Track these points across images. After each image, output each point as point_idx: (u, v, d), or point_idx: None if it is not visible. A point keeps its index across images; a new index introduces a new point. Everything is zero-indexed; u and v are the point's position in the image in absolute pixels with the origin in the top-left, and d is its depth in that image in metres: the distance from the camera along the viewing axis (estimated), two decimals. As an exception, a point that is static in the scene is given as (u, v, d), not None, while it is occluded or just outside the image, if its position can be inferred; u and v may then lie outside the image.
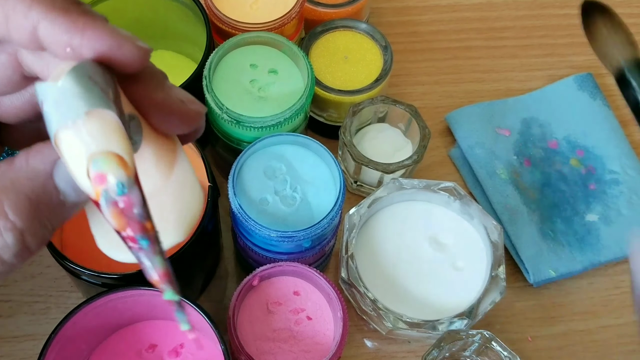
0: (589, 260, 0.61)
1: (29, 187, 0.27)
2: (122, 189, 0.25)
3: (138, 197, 0.25)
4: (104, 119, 0.25)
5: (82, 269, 0.47)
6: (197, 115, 0.31)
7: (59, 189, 0.28)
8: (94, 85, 0.26)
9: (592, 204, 0.63)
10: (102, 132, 0.25)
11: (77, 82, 0.26)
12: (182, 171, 0.32)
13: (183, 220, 0.31)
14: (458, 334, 0.52)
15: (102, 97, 0.26)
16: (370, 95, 0.61)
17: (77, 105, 0.25)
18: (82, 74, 0.26)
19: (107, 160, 0.25)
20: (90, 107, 0.25)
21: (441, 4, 0.76)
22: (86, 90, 0.26)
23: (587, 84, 0.69)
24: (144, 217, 0.25)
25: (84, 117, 0.25)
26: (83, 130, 0.25)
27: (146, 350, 0.53)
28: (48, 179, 0.27)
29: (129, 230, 0.25)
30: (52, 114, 0.25)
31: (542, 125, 0.67)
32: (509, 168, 0.64)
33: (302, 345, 0.51)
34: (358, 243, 0.56)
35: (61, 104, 0.25)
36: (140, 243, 0.25)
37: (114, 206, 0.25)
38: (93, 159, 0.25)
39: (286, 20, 0.58)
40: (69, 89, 0.25)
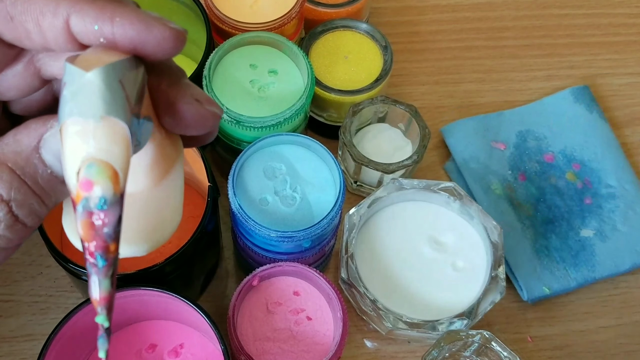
0: (584, 277, 0.60)
1: (13, 160, 0.27)
2: (103, 205, 0.24)
3: (114, 217, 0.25)
4: (116, 129, 0.25)
5: (82, 269, 0.47)
6: (212, 117, 0.30)
7: (46, 163, 0.27)
8: (121, 90, 0.25)
9: (588, 218, 0.63)
10: (107, 141, 0.25)
11: (106, 82, 0.25)
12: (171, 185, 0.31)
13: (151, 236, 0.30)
14: (458, 334, 0.52)
15: (123, 106, 0.25)
16: (370, 95, 0.61)
17: (96, 105, 0.25)
18: (114, 74, 0.25)
19: (101, 170, 0.24)
20: (107, 113, 0.25)
21: (441, 4, 0.76)
22: (111, 93, 0.25)
23: (583, 96, 0.68)
24: (112, 238, 0.25)
25: (99, 119, 0.25)
26: (91, 132, 0.24)
27: (146, 350, 0.53)
28: (33, 152, 0.27)
29: (92, 244, 0.25)
30: (69, 101, 0.25)
31: (538, 138, 0.66)
32: (503, 183, 0.64)
33: (302, 345, 0.51)
34: (358, 243, 0.56)
35: (82, 95, 0.25)
36: (97, 260, 0.25)
37: (88, 216, 0.24)
38: (89, 162, 0.24)
39: (286, 20, 0.58)
40: (96, 85, 0.25)
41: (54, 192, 0.28)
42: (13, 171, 0.27)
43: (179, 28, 0.27)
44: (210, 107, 0.30)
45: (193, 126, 0.30)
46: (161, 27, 0.27)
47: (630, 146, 0.69)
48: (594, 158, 0.65)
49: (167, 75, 0.29)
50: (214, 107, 0.30)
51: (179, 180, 0.31)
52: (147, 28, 0.27)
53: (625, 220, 0.63)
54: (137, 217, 0.30)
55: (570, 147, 0.66)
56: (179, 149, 0.31)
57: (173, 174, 0.31)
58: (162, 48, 0.27)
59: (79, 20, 0.27)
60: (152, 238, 0.30)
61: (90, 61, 0.26)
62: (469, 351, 0.53)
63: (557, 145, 0.66)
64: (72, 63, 0.25)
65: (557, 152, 0.66)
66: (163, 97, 0.29)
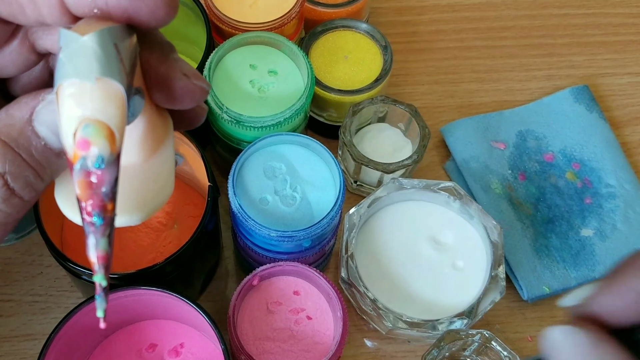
0: (584, 276, 0.60)
1: (6, 133, 0.27)
2: (101, 163, 0.25)
3: (112, 176, 0.25)
4: (111, 90, 0.25)
5: (82, 269, 0.47)
6: (200, 91, 0.30)
7: (39, 135, 0.28)
8: (116, 54, 0.26)
9: (588, 218, 0.63)
10: (103, 102, 0.25)
11: (101, 45, 0.25)
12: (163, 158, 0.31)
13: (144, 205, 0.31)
14: (458, 334, 0.52)
15: (119, 68, 0.26)
16: (370, 95, 0.61)
17: (92, 67, 0.25)
18: (109, 38, 0.26)
19: (98, 129, 0.25)
20: (103, 74, 0.25)
21: (441, 3, 0.76)
22: (106, 56, 0.25)
23: (583, 96, 0.68)
24: (109, 197, 0.25)
25: (94, 81, 0.25)
26: (87, 93, 0.25)
27: (146, 350, 0.53)
28: (26, 125, 0.27)
29: (90, 203, 0.25)
30: (65, 65, 0.25)
31: (538, 138, 0.66)
32: (503, 183, 0.64)
33: (302, 344, 0.51)
34: (358, 243, 0.56)
35: (77, 58, 0.25)
36: (94, 219, 0.25)
37: (86, 176, 0.25)
38: (85, 122, 0.25)
39: (286, 20, 0.58)
40: (91, 47, 0.25)
41: (49, 165, 0.28)
42: (7, 144, 0.27)
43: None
44: (198, 82, 0.30)
45: (181, 100, 0.30)
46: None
47: (630, 146, 0.69)
48: (594, 158, 0.65)
49: (158, 49, 0.29)
50: (201, 81, 0.30)
51: (169, 153, 0.32)
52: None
53: (625, 220, 0.63)
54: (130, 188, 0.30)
55: (570, 147, 0.66)
56: (169, 125, 0.32)
57: (164, 147, 0.31)
58: (155, 16, 0.27)
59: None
60: (145, 208, 0.31)
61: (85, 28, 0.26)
62: (468, 350, 0.53)
63: (557, 145, 0.66)
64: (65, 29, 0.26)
65: (557, 152, 0.66)
66: (153, 71, 0.29)
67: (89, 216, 0.25)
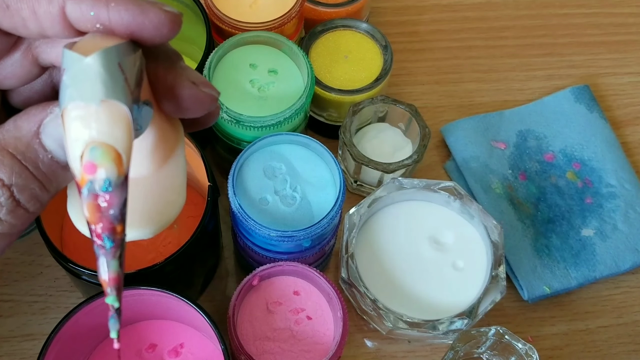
0: (584, 276, 0.60)
1: (13, 145, 0.27)
2: (108, 187, 0.25)
3: (120, 199, 0.25)
4: (117, 112, 0.25)
5: (82, 269, 0.47)
6: (209, 99, 0.30)
7: (46, 148, 0.27)
8: (120, 73, 0.25)
9: (588, 218, 0.63)
10: (109, 124, 0.25)
11: (105, 65, 0.25)
12: (174, 167, 0.31)
13: (156, 218, 0.30)
14: (470, 333, 0.51)
15: (123, 88, 0.25)
16: (370, 94, 0.61)
17: (97, 89, 0.25)
18: (112, 57, 0.25)
19: (105, 152, 0.25)
20: (108, 97, 0.25)
21: (441, 3, 0.76)
22: (111, 76, 0.25)
23: (584, 96, 0.68)
24: (118, 219, 0.25)
25: (99, 103, 0.25)
26: (92, 115, 0.25)
27: (146, 350, 0.53)
28: (33, 137, 0.27)
29: (99, 226, 0.25)
30: (70, 87, 0.25)
31: (539, 137, 0.66)
32: (503, 183, 0.64)
33: (302, 345, 0.51)
34: (358, 243, 0.56)
35: (82, 80, 0.25)
36: (105, 242, 0.25)
37: (94, 199, 0.25)
38: (92, 145, 0.24)
39: (286, 19, 0.58)
40: (95, 69, 0.25)
41: (55, 177, 0.28)
42: (14, 156, 0.27)
43: (174, 11, 0.27)
44: (207, 90, 0.30)
45: (191, 109, 0.30)
46: (157, 11, 0.27)
47: (630, 145, 0.69)
48: (594, 157, 0.65)
49: (164, 59, 0.29)
50: (210, 89, 0.30)
51: (181, 163, 0.32)
52: (143, 12, 0.27)
53: (625, 220, 0.62)
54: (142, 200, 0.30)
55: (570, 147, 0.66)
56: (180, 132, 0.32)
57: (175, 157, 0.31)
58: (158, 32, 0.27)
59: (75, 7, 0.27)
60: (157, 221, 0.30)
61: (89, 47, 0.26)
62: (483, 347, 0.53)
63: (557, 145, 0.66)
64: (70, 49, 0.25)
65: (558, 152, 0.66)
66: (161, 82, 0.29)
67: (98, 239, 0.25)
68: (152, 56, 0.29)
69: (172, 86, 0.29)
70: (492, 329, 0.52)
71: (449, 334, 0.53)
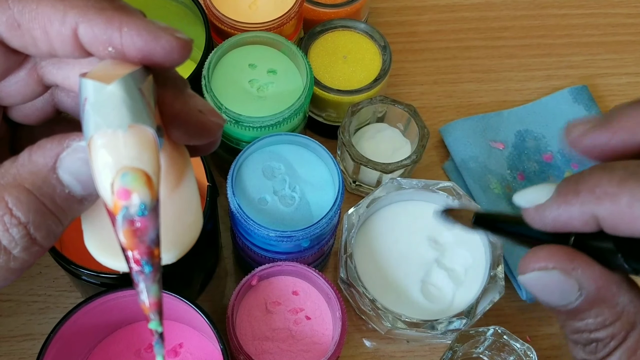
0: None
1: (30, 181, 0.27)
2: (144, 211, 0.25)
3: (156, 222, 0.25)
4: (144, 136, 0.25)
5: (82, 269, 0.47)
6: (216, 127, 0.30)
7: (63, 183, 0.27)
8: (142, 98, 0.26)
9: None
10: (138, 149, 0.25)
11: (128, 91, 0.25)
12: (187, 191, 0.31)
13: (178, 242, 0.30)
14: (468, 333, 0.52)
15: (147, 112, 0.26)
16: (369, 95, 0.61)
17: (122, 115, 0.25)
18: (133, 83, 0.26)
19: (136, 177, 0.25)
20: (134, 121, 0.25)
21: (440, 4, 0.76)
22: (134, 101, 0.25)
23: (582, 96, 0.68)
24: (155, 243, 0.25)
25: (126, 129, 0.25)
26: (121, 142, 0.25)
27: (145, 350, 0.53)
28: (50, 173, 0.27)
29: (137, 252, 0.25)
30: (94, 116, 0.25)
31: (537, 138, 0.66)
32: (502, 183, 0.64)
33: (301, 344, 0.51)
34: (357, 243, 0.56)
35: (106, 108, 0.25)
36: (144, 267, 0.25)
37: (130, 225, 0.25)
38: (123, 171, 0.24)
39: (285, 20, 0.58)
40: (119, 95, 0.25)
41: (71, 211, 0.28)
42: (31, 192, 0.27)
43: (185, 38, 0.28)
44: (214, 118, 0.30)
45: (197, 137, 0.30)
46: (169, 37, 0.27)
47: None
48: None
49: (172, 86, 0.29)
50: (217, 117, 0.30)
51: (193, 185, 0.32)
52: (155, 38, 0.27)
53: (623, 220, 0.63)
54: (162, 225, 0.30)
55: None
56: (186, 156, 0.32)
57: (186, 180, 0.31)
58: (169, 57, 0.27)
59: (88, 29, 0.27)
60: (179, 243, 0.30)
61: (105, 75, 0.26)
62: (481, 347, 0.53)
63: (555, 145, 0.66)
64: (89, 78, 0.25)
65: (556, 152, 0.66)
66: (168, 108, 0.29)
67: (137, 265, 0.25)
68: (160, 82, 0.29)
69: (179, 113, 0.29)
70: (491, 328, 0.52)
71: (447, 334, 0.53)
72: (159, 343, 0.26)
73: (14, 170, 0.27)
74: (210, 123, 0.30)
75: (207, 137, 0.30)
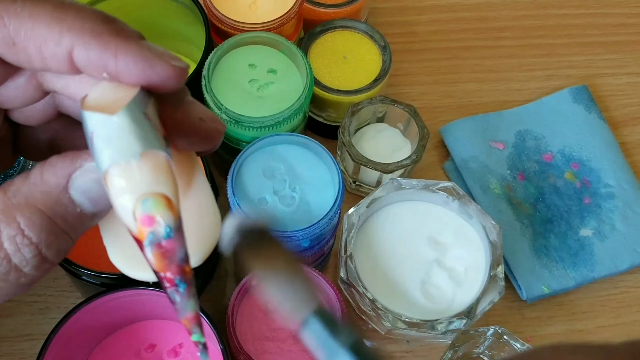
0: (582, 276, 0.60)
1: (42, 201, 0.27)
2: (170, 233, 0.25)
3: (182, 241, 0.25)
4: (157, 160, 0.25)
5: (82, 270, 0.47)
6: (216, 134, 0.30)
7: (75, 202, 0.28)
8: (148, 122, 0.26)
9: (587, 218, 0.63)
10: (154, 174, 0.25)
11: (133, 119, 0.25)
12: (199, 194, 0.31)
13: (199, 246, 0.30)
14: (468, 333, 0.52)
15: (155, 135, 0.26)
16: (369, 95, 0.61)
17: (133, 145, 0.25)
18: (137, 109, 0.26)
19: (157, 202, 0.25)
20: (145, 148, 0.25)
21: (440, 4, 0.76)
22: (141, 128, 0.25)
23: (582, 96, 0.68)
24: (185, 260, 0.26)
25: (139, 157, 0.25)
26: (136, 171, 0.25)
27: (145, 350, 0.53)
28: (62, 193, 0.27)
29: (169, 273, 0.25)
30: (105, 149, 0.25)
31: (537, 138, 0.66)
32: (502, 183, 0.64)
33: (301, 344, 0.51)
34: (357, 243, 0.56)
35: (115, 140, 0.25)
36: (179, 287, 0.26)
37: (158, 248, 0.25)
38: (142, 199, 0.25)
39: (285, 20, 0.58)
40: (126, 125, 0.25)
41: (82, 227, 0.28)
42: (43, 213, 0.27)
43: (181, 65, 0.27)
44: (215, 125, 0.30)
45: (199, 144, 0.30)
46: (164, 65, 0.27)
47: (628, 146, 0.69)
48: (593, 158, 0.65)
49: (171, 97, 0.29)
50: (217, 124, 0.31)
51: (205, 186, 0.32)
52: (151, 67, 0.27)
53: (624, 220, 0.63)
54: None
55: (568, 147, 0.66)
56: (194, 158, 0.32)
57: (196, 183, 0.31)
58: (165, 84, 0.27)
59: (83, 53, 0.27)
60: (201, 248, 0.30)
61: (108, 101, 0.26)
62: (481, 347, 0.53)
63: (555, 145, 0.66)
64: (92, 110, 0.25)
65: (556, 152, 0.66)
66: (169, 119, 0.29)
67: (171, 284, 0.26)
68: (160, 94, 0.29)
69: (181, 123, 0.29)
70: (491, 329, 0.52)
71: (447, 334, 0.53)
72: (203, 353, 0.27)
73: (25, 189, 0.27)
74: (212, 130, 0.30)
75: (209, 144, 0.31)
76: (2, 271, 0.27)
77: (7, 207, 0.27)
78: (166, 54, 0.27)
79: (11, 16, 0.27)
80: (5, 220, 0.27)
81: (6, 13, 0.27)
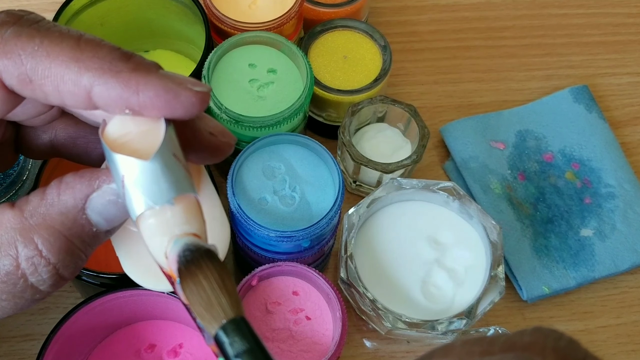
0: (583, 276, 0.60)
1: (60, 222, 0.27)
2: None
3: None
4: (189, 203, 0.26)
5: (82, 269, 0.47)
6: (227, 147, 0.31)
7: (91, 222, 0.28)
8: (178, 163, 0.26)
9: (587, 218, 0.63)
10: (185, 216, 0.26)
11: (165, 163, 0.26)
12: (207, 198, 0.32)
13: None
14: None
15: (186, 177, 0.26)
16: (370, 95, 0.61)
17: (166, 190, 0.26)
18: (167, 151, 0.26)
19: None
20: (177, 192, 0.26)
21: (440, 3, 0.76)
22: (173, 172, 0.26)
23: (583, 96, 0.68)
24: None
25: (172, 202, 0.26)
26: (169, 215, 0.26)
27: (145, 350, 0.53)
28: (80, 213, 0.28)
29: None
30: (138, 193, 0.26)
31: (538, 138, 0.66)
32: (502, 183, 0.64)
33: (301, 345, 0.51)
34: (357, 243, 0.56)
35: (148, 184, 0.26)
36: None
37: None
38: (174, 239, 0.25)
39: (285, 19, 0.58)
40: (158, 170, 0.26)
41: (96, 245, 0.29)
42: (61, 234, 0.27)
43: (204, 89, 0.27)
44: (225, 139, 0.30)
45: (209, 158, 0.31)
46: (187, 93, 0.27)
47: (629, 146, 0.69)
48: (593, 157, 0.65)
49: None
50: (228, 138, 0.31)
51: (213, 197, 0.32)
52: (175, 97, 0.27)
53: (624, 220, 0.63)
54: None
55: (569, 147, 0.66)
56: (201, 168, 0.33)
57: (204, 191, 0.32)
58: (189, 112, 0.27)
59: (103, 92, 0.27)
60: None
61: (132, 139, 0.26)
62: None
63: (556, 145, 0.66)
64: (120, 152, 0.26)
65: (557, 152, 0.66)
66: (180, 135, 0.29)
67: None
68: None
69: (191, 140, 0.29)
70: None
71: (448, 334, 0.53)
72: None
73: (42, 209, 0.27)
74: (222, 144, 0.30)
75: (219, 158, 0.31)
76: (19, 290, 0.28)
77: (25, 228, 0.27)
78: (187, 80, 0.27)
79: (28, 55, 0.27)
80: (23, 241, 0.27)
81: (23, 51, 0.27)
